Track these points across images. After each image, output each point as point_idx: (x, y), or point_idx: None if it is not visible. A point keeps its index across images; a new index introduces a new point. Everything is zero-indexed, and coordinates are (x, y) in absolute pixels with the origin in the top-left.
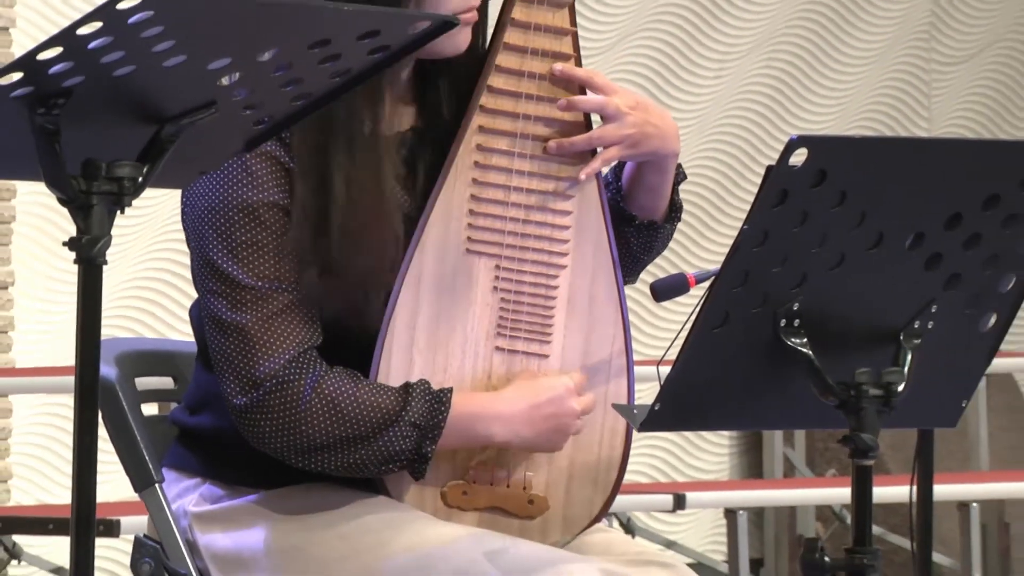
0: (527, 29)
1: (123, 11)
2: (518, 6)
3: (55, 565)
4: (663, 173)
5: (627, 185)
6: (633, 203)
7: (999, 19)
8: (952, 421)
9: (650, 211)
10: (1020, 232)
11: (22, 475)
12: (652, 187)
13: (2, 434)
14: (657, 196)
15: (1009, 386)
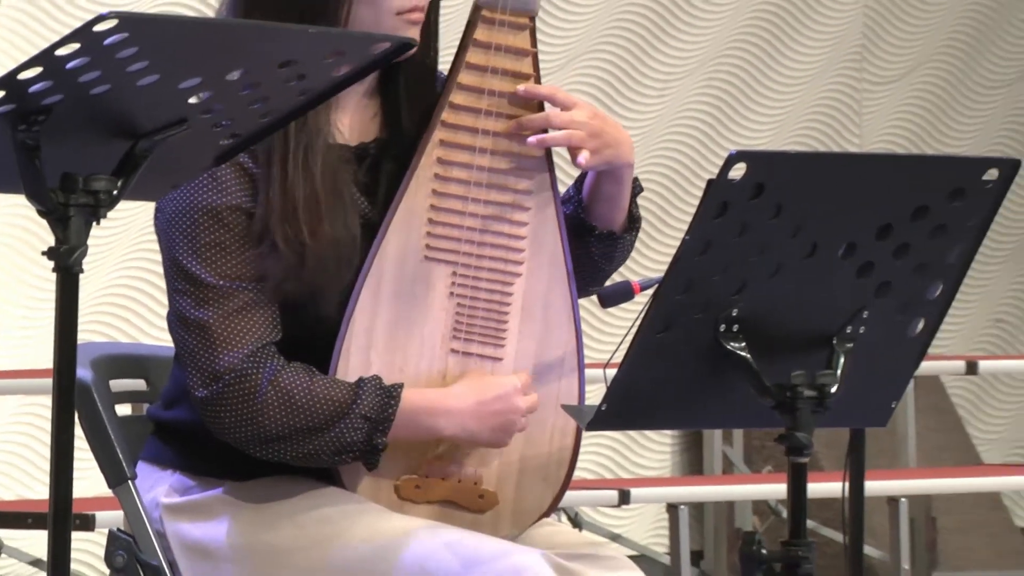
0: (489, 49)
1: (99, 33)
2: (480, 27)
3: (34, 557)
4: (620, 183)
5: (587, 197)
6: (593, 214)
7: (926, 42)
8: (882, 421)
9: (609, 221)
10: (947, 242)
11: (2, 472)
12: (610, 197)
13: None
14: (615, 206)
15: (936, 388)
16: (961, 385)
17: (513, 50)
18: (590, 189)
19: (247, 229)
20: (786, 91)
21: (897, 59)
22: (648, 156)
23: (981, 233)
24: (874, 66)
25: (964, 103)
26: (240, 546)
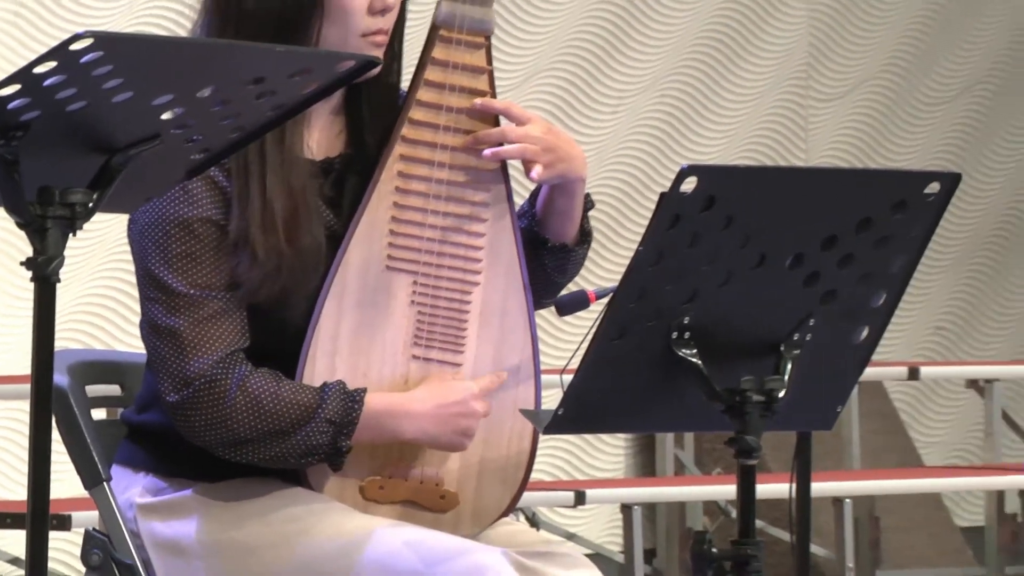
0: (446, 67)
1: (76, 51)
2: (438, 46)
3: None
4: (572, 198)
5: (540, 211)
6: (546, 227)
7: (869, 61)
8: (828, 424)
9: (561, 235)
10: (890, 252)
11: None
12: (562, 211)
13: None
14: (567, 220)
15: (879, 393)
16: (903, 390)
17: (470, 68)
18: (544, 203)
19: (217, 240)
20: (735, 108)
21: (841, 77)
22: (603, 170)
23: (923, 244)
24: (819, 83)
25: (906, 119)
26: (210, 543)
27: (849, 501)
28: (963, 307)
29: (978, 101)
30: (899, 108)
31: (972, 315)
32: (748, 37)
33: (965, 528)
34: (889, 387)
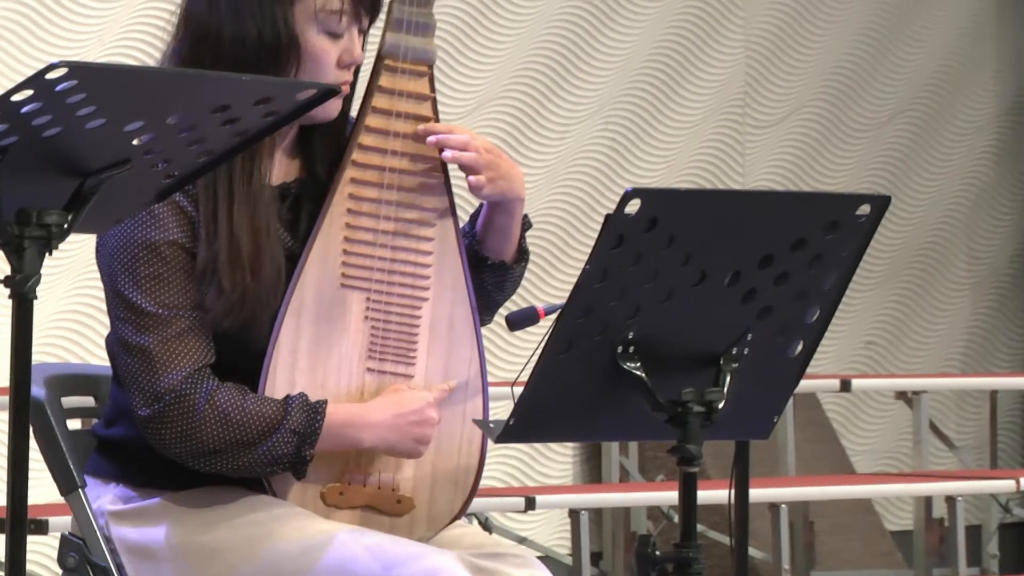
0: (392, 95)
1: (51, 80)
2: (384, 75)
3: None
4: (511, 216)
5: (480, 230)
6: (486, 246)
7: (802, 90)
8: (765, 434)
9: (500, 252)
10: (823, 271)
11: None
12: (501, 229)
13: None
14: (506, 238)
15: (813, 403)
16: (835, 401)
17: (414, 95)
18: (483, 222)
19: (183, 262)
20: (676, 134)
21: (776, 105)
22: (551, 193)
23: (854, 263)
24: (755, 111)
25: (838, 144)
26: (178, 547)
27: (785, 506)
28: (891, 322)
29: (905, 128)
30: (831, 134)
31: (900, 330)
32: (688, 67)
33: (895, 532)
34: (822, 398)
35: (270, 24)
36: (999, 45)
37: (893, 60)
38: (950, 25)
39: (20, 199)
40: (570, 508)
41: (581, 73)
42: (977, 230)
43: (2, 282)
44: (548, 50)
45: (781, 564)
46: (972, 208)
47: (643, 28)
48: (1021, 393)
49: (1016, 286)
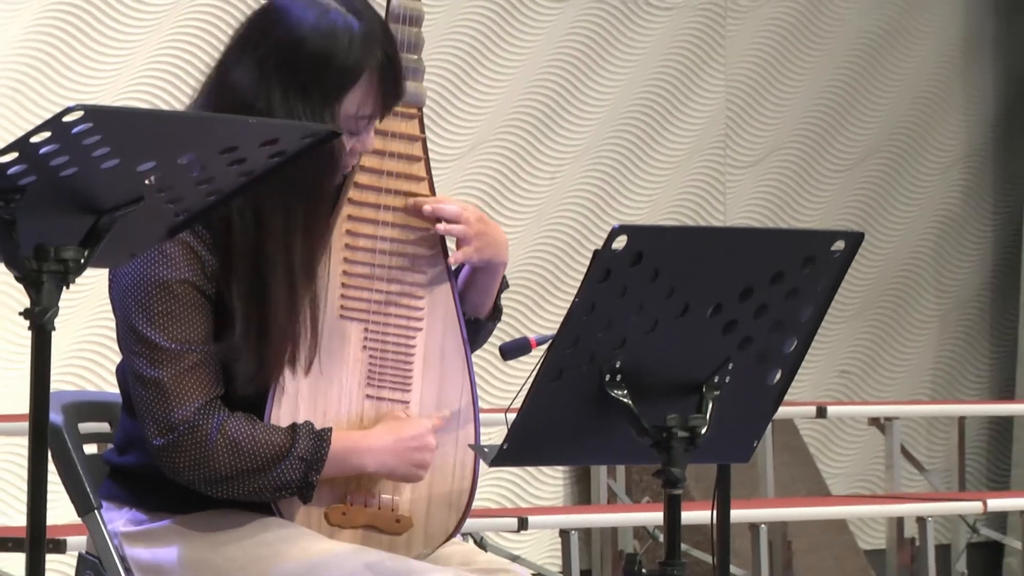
0: (385, 136)
1: (68, 123)
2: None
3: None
4: (493, 278)
5: (461, 286)
6: (464, 301)
7: (780, 132)
8: (745, 457)
9: (477, 309)
10: (800, 303)
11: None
12: (482, 288)
13: None
14: (485, 296)
15: (790, 429)
16: (812, 427)
17: (405, 136)
18: (465, 279)
19: (194, 299)
20: (660, 173)
21: (755, 146)
22: (542, 229)
23: (830, 296)
24: (735, 152)
25: (813, 183)
26: (189, 566)
27: (764, 526)
28: (865, 352)
29: (877, 168)
30: (807, 174)
31: (873, 359)
32: (671, 110)
33: (868, 551)
34: (799, 424)
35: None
36: (966, 88)
37: (866, 103)
38: (919, 70)
39: (38, 235)
40: (561, 528)
41: (570, 116)
42: (945, 265)
43: (22, 314)
44: (539, 94)
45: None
46: (940, 244)
47: (629, 74)
48: (988, 419)
49: (982, 318)
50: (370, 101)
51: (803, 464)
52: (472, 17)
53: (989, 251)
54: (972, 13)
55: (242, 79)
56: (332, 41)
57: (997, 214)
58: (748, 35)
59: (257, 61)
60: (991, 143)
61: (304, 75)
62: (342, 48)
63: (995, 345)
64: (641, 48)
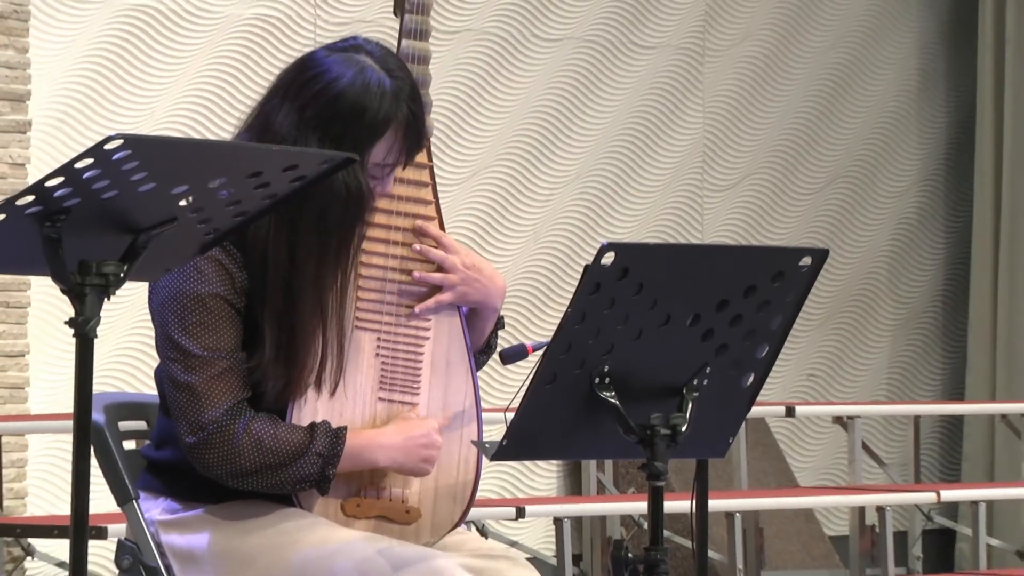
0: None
1: (109, 150)
2: None
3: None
4: (483, 321)
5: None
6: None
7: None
8: (722, 453)
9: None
10: (771, 314)
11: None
12: (473, 327)
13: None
14: (478, 334)
15: (762, 427)
16: (781, 425)
17: (414, 164)
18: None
19: (225, 311)
20: (644, 196)
21: (731, 171)
22: (538, 247)
23: (798, 307)
24: (712, 176)
25: (783, 205)
26: (218, 552)
27: (739, 515)
28: (829, 357)
29: (841, 191)
30: (777, 197)
31: (837, 364)
32: (654, 139)
33: (833, 537)
34: (770, 422)
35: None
36: (920, 119)
37: (830, 133)
38: (878, 102)
39: (81, 252)
40: (554, 516)
41: (563, 145)
42: (901, 279)
43: (67, 323)
44: (535, 125)
45: (736, 565)
46: (897, 260)
47: (616, 106)
48: (940, 418)
49: (935, 326)
50: (395, 151)
51: (773, 459)
52: (474, 57)
53: (941, 267)
54: (926, 50)
55: (283, 123)
56: (366, 97)
57: (948, 233)
58: (723, 71)
59: (298, 109)
60: (943, 169)
61: (340, 126)
62: (374, 103)
63: (946, 351)
64: (627, 83)
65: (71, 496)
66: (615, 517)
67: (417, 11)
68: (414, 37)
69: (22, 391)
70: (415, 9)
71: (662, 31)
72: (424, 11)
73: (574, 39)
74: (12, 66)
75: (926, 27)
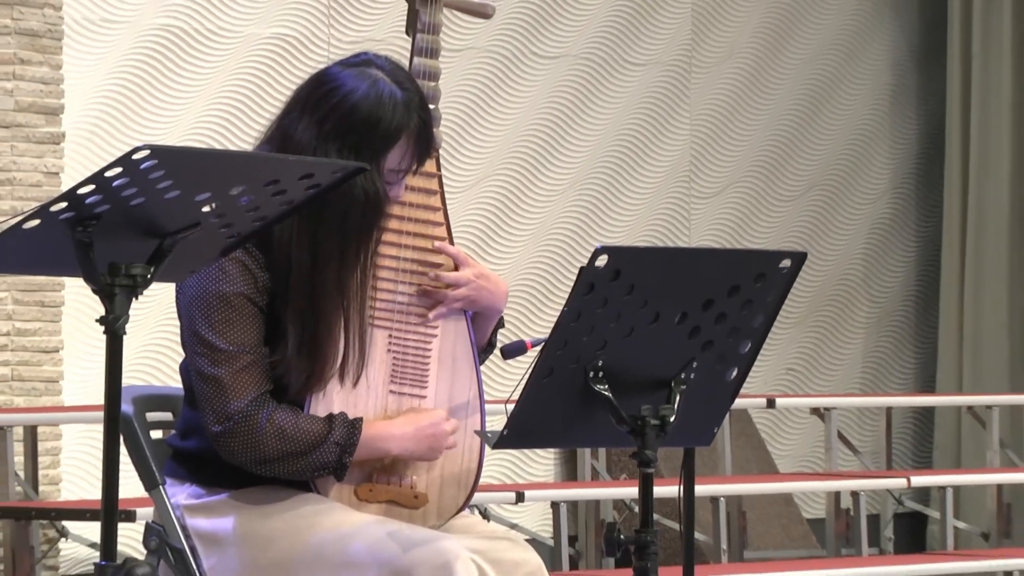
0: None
1: (137, 160)
2: None
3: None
4: (487, 321)
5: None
6: None
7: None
8: (707, 442)
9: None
10: (753, 312)
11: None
12: (477, 327)
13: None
14: (480, 333)
15: (745, 418)
16: (763, 416)
17: (424, 174)
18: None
19: (248, 309)
20: (635, 203)
21: (716, 179)
22: (536, 249)
23: (778, 306)
24: (699, 184)
25: (765, 211)
26: (240, 534)
27: (723, 499)
28: (808, 352)
29: (819, 198)
30: (760, 203)
31: (814, 358)
32: (645, 150)
33: (810, 520)
34: (753, 413)
35: (371, 182)
36: (892, 131)
37: (808, 143)
38: (853, 115)
39: (111, 255)
40: (552, 500)
41: (560, 155)
42: (875, 279)
43: (98, 321)
44: (534, 137)
45: (720, 546)
46: (871, 262)
47: (609, 119)
48: (911, 409)
49: (906, 324)
50: (408, 157)
51: (755, 447)
52: (477, 73)
53: (912, 268)
54: (898, 66)
55: (303, 135)
56: (380, 108)
57: (919, 237)
58: (709, 86)
59: (316, 122)
60: (913, 177)
61: (356, 136)
62: (388, 113)
63: (917, 347)
64: (619, 98)
65: (102, 482)
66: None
67: (428, 31)
68: (425, 55)
69: (56, 384)
70: (426, 29)
71: (652, 49)
72: (435, 31)
73: (570, 56)
74: (47, 81)
75: (898, 45)
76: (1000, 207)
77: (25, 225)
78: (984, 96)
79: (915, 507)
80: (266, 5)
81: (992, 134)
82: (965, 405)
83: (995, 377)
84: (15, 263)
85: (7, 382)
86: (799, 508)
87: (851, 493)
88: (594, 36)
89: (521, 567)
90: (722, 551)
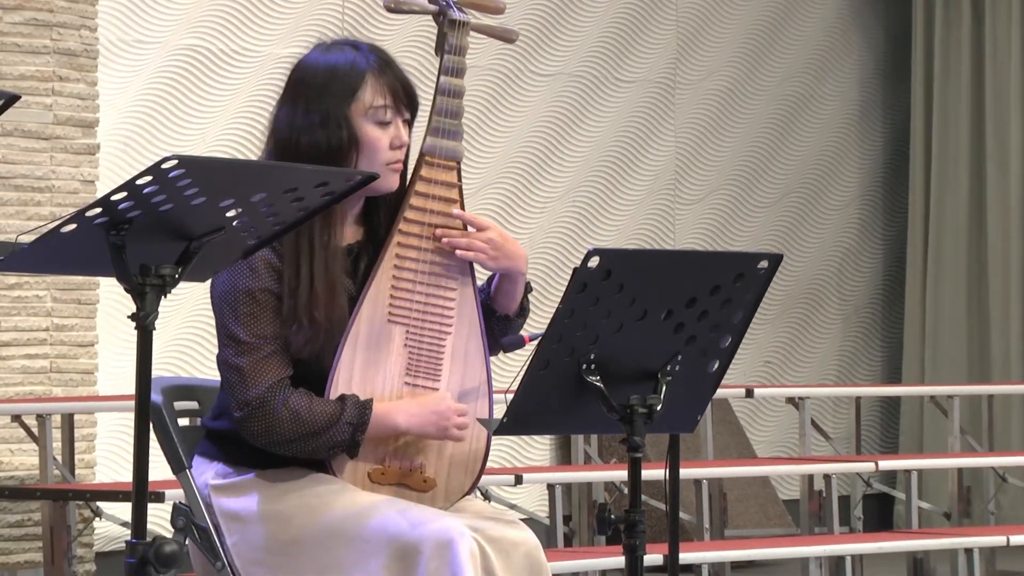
0: (429, 182)
1: (166, 169)
2: (424, 167)
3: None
4: (514, 285)
5: (492, 290)
6: (496, 302)
7: (717, 176)
8: (691, 429)
9: (505, 308)
10: (733, 309)
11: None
12: (507, 292)
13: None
14: (510, 299)
15: (725, 407)
16: (742, 405)
17: (445, 183)
18: (495, 286)
19: (272, 304)
20: (624, 208)
21: (699, 187)
22: (533, 252)
23: (756, 303)
24: (683, 192)
25: (744, 216)
26: (261, 513)
27: (705, 482)
28: (783, 346)
29: (793, 204)
30: (739, 209)
31: (789, 352)
32: (633, 160)
33: (786, 500)
34: (732, 402)
35: (335, 130)
36: (861, 142)
37: (784, 154)
38: (825, 127)
39: (142, 256)
40: (548, 483)
41: (555, 165)
42: (845, 279)
43: (130, 317)
44: (531, 148)
45: (703, 524)
46: (842, 263)
47: (600, 132)
48: (879, 398)
49: (873, 320)
50: (380, 92)
51: (735, 434)
52: (479, 90)
53: (879, 268)
54: (866, 82)
55: (280, 118)
56: (334, 62)
57: (885, 240)
58: (693, 102)
59: (289, 100)
60: (880, 186)
61: (319, 92)
62: (343, 63)
63: (884, 341)
64: (610, 112)
65: (133, 465)
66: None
67: (455, 52)
68: (452, 75)
69: (92, 375)
70: (453, 51)
71: (640, 67)
72: (461, 52)
73: (564, 74)
74: (83, 97)
75: (865, 65)
76: (959, 212)
77: (63, 229)
78: (944, 110)
79: (882, 489)
80: (285, 27)
81: (951, 145)
82: (928, 395)
83: (955, 369)
84: (55, 264)
85: (47, 374)
86: (775, 490)
87: (823, 476)
88: (587, 56)
89: (519, 545)
90: (704, 529)
